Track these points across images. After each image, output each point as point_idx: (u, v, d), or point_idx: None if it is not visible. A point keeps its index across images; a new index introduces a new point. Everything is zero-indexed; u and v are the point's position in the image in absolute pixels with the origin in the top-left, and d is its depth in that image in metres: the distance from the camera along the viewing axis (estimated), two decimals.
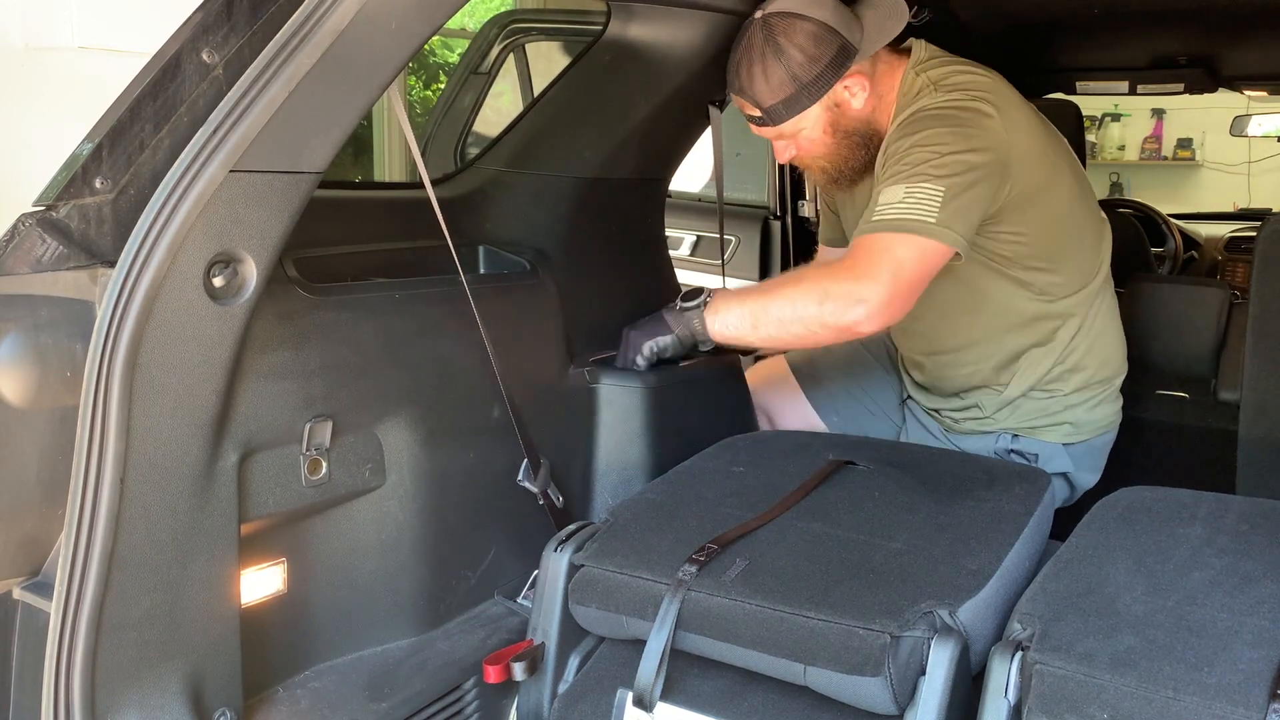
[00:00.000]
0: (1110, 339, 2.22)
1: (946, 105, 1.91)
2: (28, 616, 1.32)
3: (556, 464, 1.90)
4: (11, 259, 1.23)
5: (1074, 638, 1.27)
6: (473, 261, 2.01)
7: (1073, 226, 2.09)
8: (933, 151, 1.84)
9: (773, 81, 1.92)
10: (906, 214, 1.79)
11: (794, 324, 1.85)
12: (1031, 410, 2.17)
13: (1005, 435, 2.19)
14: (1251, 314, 2.22)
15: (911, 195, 1.80)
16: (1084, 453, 2.20)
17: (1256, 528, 1.51)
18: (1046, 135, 2.04)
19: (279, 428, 1.45)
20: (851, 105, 1.98)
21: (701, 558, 1.49)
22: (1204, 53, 3.38)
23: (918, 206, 1.79)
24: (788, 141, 2.04)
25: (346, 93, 1.32)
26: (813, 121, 1.99)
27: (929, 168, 1.82)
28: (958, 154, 1.83)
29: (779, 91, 1.93)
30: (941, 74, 1.98)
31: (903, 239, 1.80)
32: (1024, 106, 2.00)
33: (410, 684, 1.60)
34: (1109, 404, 2.22)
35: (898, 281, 1.80)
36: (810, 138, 2.02)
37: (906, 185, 1.81)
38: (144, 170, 1.26)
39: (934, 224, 1.79)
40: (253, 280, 1.31)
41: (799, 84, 1.92)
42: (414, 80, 6.44)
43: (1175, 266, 4.60)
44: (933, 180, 1.80)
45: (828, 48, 1.90)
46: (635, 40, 2.02)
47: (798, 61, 1.90)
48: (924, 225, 1.79)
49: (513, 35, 4.04)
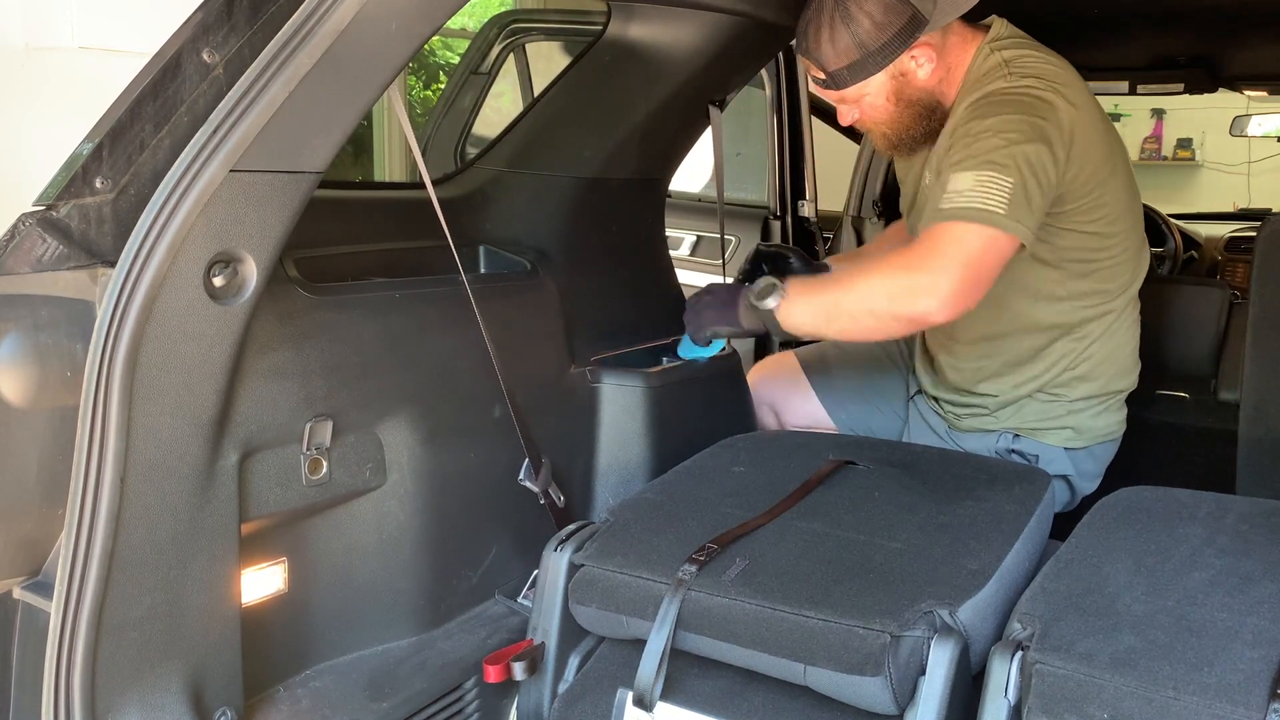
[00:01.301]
0: (1126, 352, 2.20)
1: (1019, 91, 1.90)
2: (28, 616, 1.32)
3: (557, 463, 1.90)
4: (11, 259, 1.23)
5: (1074, 638, 1.27)
6: (473, 261, 2.01)
7: (1115, 232, 2.07)
8: (1005, 139, 1.82)
9: (839, 46, 1.91)
10: (977, 203, 1.78)
11: (866, 318, 1.86)
12: (1035, 411, 2.17)
13: (1007, 435, 2.19)
14: (1251, 314, 2.22)
15: (982, 184, 1.79)
16: (1085, 458, 2.20)
17: (1256, 528, 1.51)
18: (1109, 137, 2.03)
19: (279, 427, 1.45)
20: (917, 75, 1.98)
21: (701, 557, 1.49)
22: (1204, 53, 3.38)
23: (989, 197, 1.78)
24: (851, 105, 2.03)
25: (346, 93, 1.32)
26: (876, 88, 1.98)
27: (1000, 155, 1.80)
28: (1029, 144, 1.82)
29: (844, 57, 1.92)
30: (1016, 55, 1.97)
31: (974, 229, 1.78)
32: (1092, 102, 2.00)
33: (411, 684, 1.60)
34: (1113, 413, 2.21)
35: (967, 272, 1.79)
36: (873, 104, 2.01)
37: (976, 173, 1.80)
38: (144, 170, 1.26)
39: (1003, 215, 1.78)
40: (253, 280, 1.31)
41: (865, 51, 1.91)
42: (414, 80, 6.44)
43: (1175, 266, 4.59)
44: (1002, 170, 1.79)
45: (897, 16, 1.89)
46: (635, 40, 2.02)
47: (865, 29, 1.89)
48: (994, 216, 1.78)
49: (513, 35, 4.04)
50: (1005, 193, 1.78)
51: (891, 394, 2.43)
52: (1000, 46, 1.99)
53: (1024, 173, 1.80)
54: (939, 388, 2.30)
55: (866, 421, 2.47)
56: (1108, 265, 2.08)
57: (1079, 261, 2.05)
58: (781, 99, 3.58)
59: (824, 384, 2.50)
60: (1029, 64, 1.95)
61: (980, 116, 1.88)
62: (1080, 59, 3.77)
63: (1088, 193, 1.97)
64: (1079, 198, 1.96)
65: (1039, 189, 1.82)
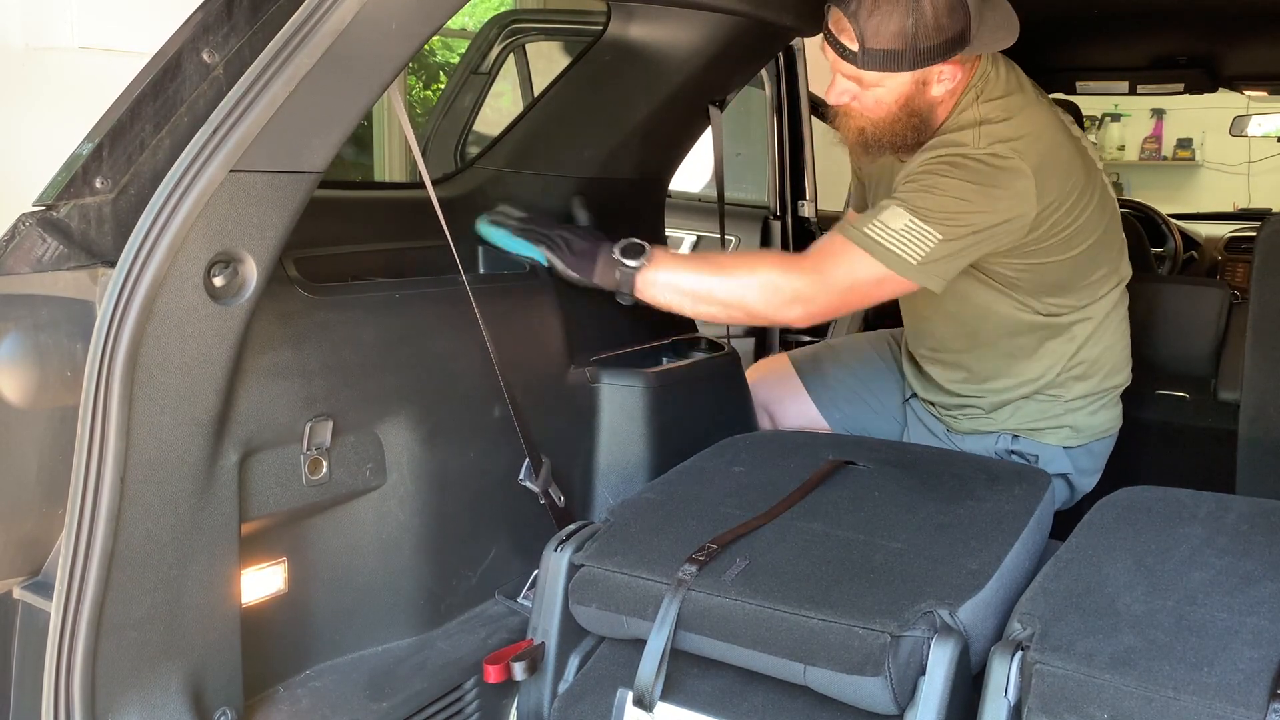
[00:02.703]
0: (1118, 348, 2.20)
1: (984, 158, 1.84)
2: (28, 616, 1.32)
3: (557, 463, 1.90)
4: (11, 259, 1.23)
5: (1074, 637, 1.27)
6: (473, 261, 2.00)
7: (1090, 260, 2.05)
8: (951, 199, 1.80)
9: (889, 27, 1.77)
10: (894, 247, 1.77)
11: (736, 310, 1.87)
12: (1032, 412, 2.17)
13: (1005, 436, 2.19)
14: (1251, 314, 2.22)
15: (910, 232, 1.77)
16: (1083, 455, 2.20)
17: (1256, 528, 1.51)
18: (1084, 178, 1.97)
19: (279, 427, 1.45)
20: (933, 89, 1.89)
21: (701, 557, 1.49)
22: (1204, 53, 3.39)
23: (908, 244, 1.77)
24: (854, 87, 1.90)
25: (346, 93, 1.32)
26: (894, 85, 1.87)
27: (940, 215, 1.78)
28: (974, 213, 1.80)
29: (888, 40, 1.78)
30: (993, 111, 1.89)
31: (874, 265, 1.79)
32: (1064, 151, 1.93)
33: (410, 684, 1.60)
34: (1110, 409, 2.22)
35: (847, 299, 1.85)
36: (880, 99, 1.89)
37: (911, 218, 1.78)
38: (144, 170, 1.26)
39: (914, 264, 1.78)
40: (253, 280, 1.31)
41: (912, 45, 1.78)
42: (414, 80, 6.44)
43: (1175, 266, 4.60)
44: (936, 225, 1.78)
45: (954, 24, 1.79)
46: (635, 40, 2.02)
47: (925, 23, 1.77)
48: (904, 264, 1.78)
49: (513, 35, 4.04)
50: (928, 246, 1.77)
51: (886, 396, 2.44)
52: (986, 96, 1.92)
53: (957, 233, 1.79)
54: (931, 391, 2.30)
55: (862, 423, 2.47)
56: (1083, 283, 2.07)
57: (1049, 289, 2.04)
58: (781, 99, 3.58)
59: (818, 386, 2.50)
60: (1002, 128, 1.88)
61: (939, 170, 1.84)
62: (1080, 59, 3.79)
63: (1056, 242, 1.95)
64: (1045, 246, 1.95)
65: (967, 249, 1.82)
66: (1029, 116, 1.92)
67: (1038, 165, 1.86)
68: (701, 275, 1.86)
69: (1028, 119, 1.91)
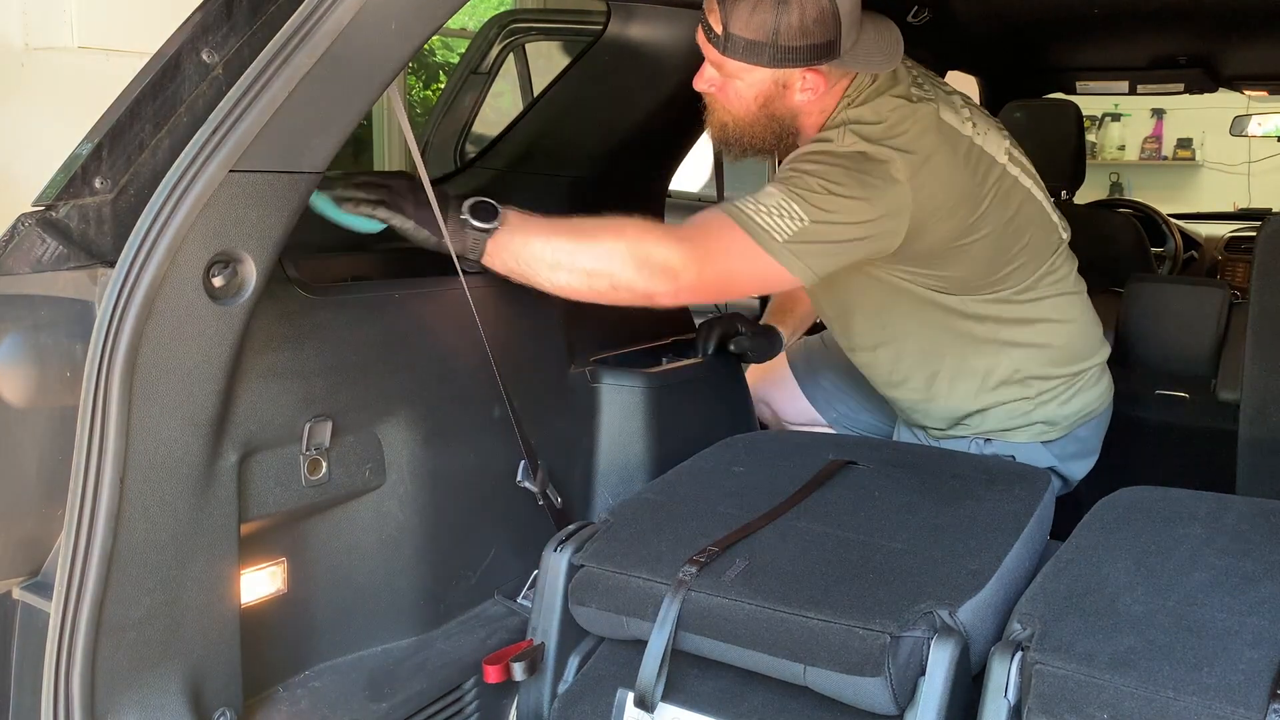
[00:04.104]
0: (1078, 334, 2.12)
1: (851, 154, 1.80)
2: (28, 616, 1.32)
3: (557, 464, 1.90)
4: (11, 259, 1.23)
5: (1074, 638, 1.27)
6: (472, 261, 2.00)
7: (1000, 263, 1.98)
8: (819, 187, 1.75)
9: (755, 18, 1.75)
10: (763, 222, 1.72)
11: (600, 280, 1.69)
12: (1000, 416, 2.11)
13: (979, 440, 2.13)
14: (1251, 314, 2.22)
15: (780, 210, 1.72)
16: (1068, 444, 2.15)
17: (1256, 528, 1.51)
18: (968, 179, 1.90)
19: (279, 427, 1.45)
20: (794, 95, 1.86)
21: (702, 558, 1.49)
22: (1204, 53, 3.39)
23: (776, 221, 1.72)
24: (718, 77, 1.86)
25: (346, 93, 1.32)
26: (754, 81, 1.83)
27: (808, 197, 1.73)
28: (843, 200, 1.75)
29: (751, 30, 1.75)
30: (863, 114, 1.86)
31: (745, 241, 1.71)
32: (943, 152, 1.86)
33: (410, 684, 1.60)
34: (1085, 392, 2.13)
35: (719, 278, 1.74)
36: (739, 92, 1.86)
37: (781, 196, 1.73)
38: (144, 170, 1.26)
39: (779, 243, 1.71)
40: (252, 280, 1.31)
41: (774, 41, 1.76)
42: (414, 80, 6.44)
43: (1175, 266, 4.60)
44: (803, 206, 1.72)
45: (821, 33, 1.76)
46: (635, 40, 2.02)
47: (788, 22, 1.74)
48: (770, 240, 1.71)
49: (513, 35, 4.05)
50: (795, 226, 1.71)
51: (877, 395, 2.42)
52: (854, 103, 1.88)
53: (823, 217, 1.73)
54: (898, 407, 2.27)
55: (858, 421, 2.47)
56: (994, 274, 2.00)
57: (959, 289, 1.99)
58: None
59: (812, 385, 2.50)
60: (874, 128, 1.83)
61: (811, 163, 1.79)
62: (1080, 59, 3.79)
63: (946, 246, 1.89)
64: (936, 251, 1.90)
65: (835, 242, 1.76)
66: (902, 116, 1.86)
67: (915, 164, 1.81)
68: (562, 241, 1.68)
69: (900, 119, 1.86)
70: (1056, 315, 2.08)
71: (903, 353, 2.12)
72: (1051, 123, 3.69)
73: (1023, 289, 2.02)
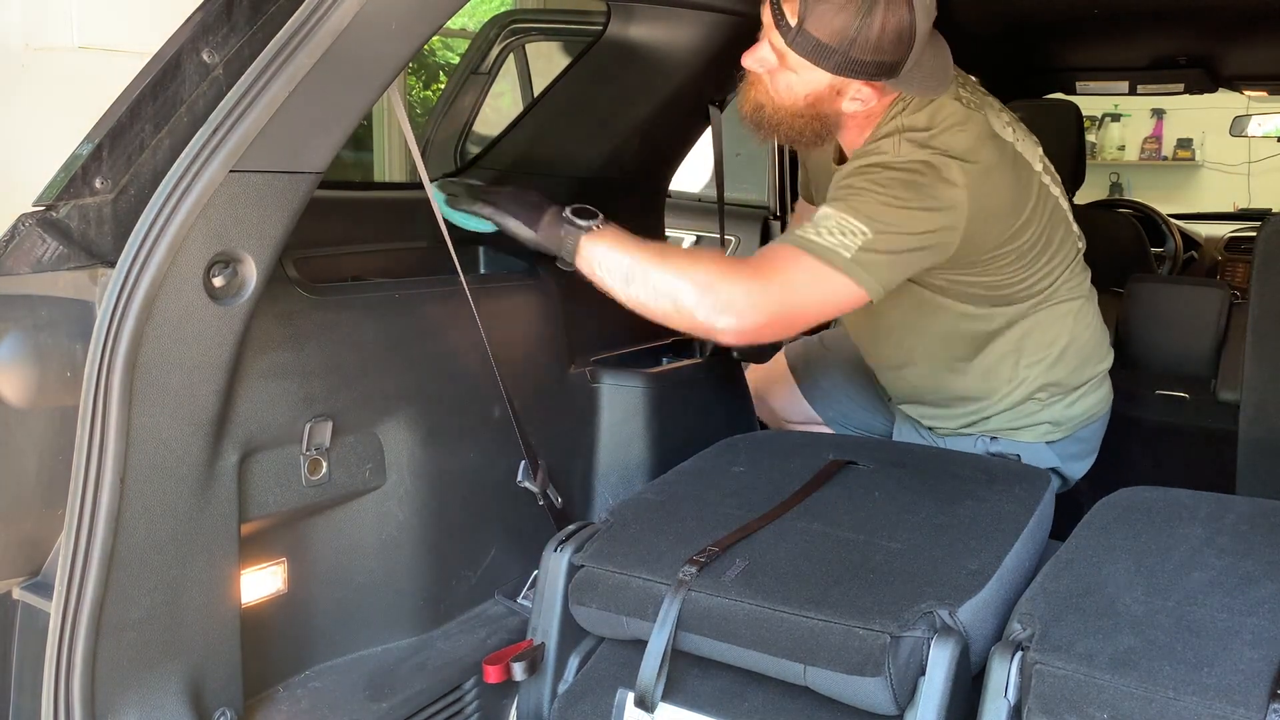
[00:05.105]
0: (1088, 339, 2.13)
1: (906, 164, 1.78)
2: (28, 616, 1.32)
3: (557, 464, 1.90)
4: (11, 259, 1.23)
5: (1074, 638, 1.27)
6: (473, 261, 2.01)
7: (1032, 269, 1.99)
8: (875, 200, 1.74)
9: (834, 22, 1.71)
10: (828, 242, 1.70)
11: (665, 299, 1.69)
12: (1008, 416, 2.13)
13: (984, 438, 2.15)
14: (1251, 314, 2.22)
15: (841, 228, 1.71)
16: (1070, 444, 2.16)
17: (1256, 528, 1.51)
18: (1016, 187, 1.90)
19: (279, 428, 1.46)
20: (843, 102, 1.84)
21: (702, 558, 1.49)
22: (1204, 53, 3.39)
23: (840, 238, 1.70)
24: (775, 61, 1.81)
25: (346, 93, 1.32)
26: (810, 79, 1.79)
27: (867, 211, 1.72)
28: (901, 211, 1.74)
29: (827, 34, 1.71)
30: (916, 120, 1.84)
31: (810, 263, 1.70)
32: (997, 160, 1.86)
33: (410, 684, 1.60)
34: (1089, 396, 2.15)
35: (785, 308, 1.71)
36: (789, 84, 1.82)
37: (840, 216, 1.72)
38: (144, 170, 1.26)
39: (848, 258, 1.69)
40: (253, 280, 1.31)
41: (844, 50, 1.72)
42: (414, 80, 6.43)
43: (1175, 266, 4.60)
44: (864, 220, 1.71)
45: (891, 52, 1.73)
46: (635, 40, 2.02)
47: (866, 37, 1.71)
48: (838, 257, 1.69)
49: (513, 35, 4.05)
50: (858, 240, 1.70)
51: (875, 395, 2.43)
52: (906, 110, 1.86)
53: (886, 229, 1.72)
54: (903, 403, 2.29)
55: (856, 421, 2.47)
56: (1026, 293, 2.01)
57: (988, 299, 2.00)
58: None
59: (810, 385, 2.51)
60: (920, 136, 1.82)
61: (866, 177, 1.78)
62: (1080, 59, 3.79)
63: (987, 252, 1.89)
64: (976, 258, 1.90)
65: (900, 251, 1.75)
66: (957, 122, 1.85)
67: (969, 170, 1.80)
68: (642, 257, 1.71)
69: (954, 124, 1.85)
70: (1073, 322, 2.10)
71: (931, 370, 2.13)
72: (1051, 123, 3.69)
73: (1045, 296, 2.04)
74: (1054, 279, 2.03)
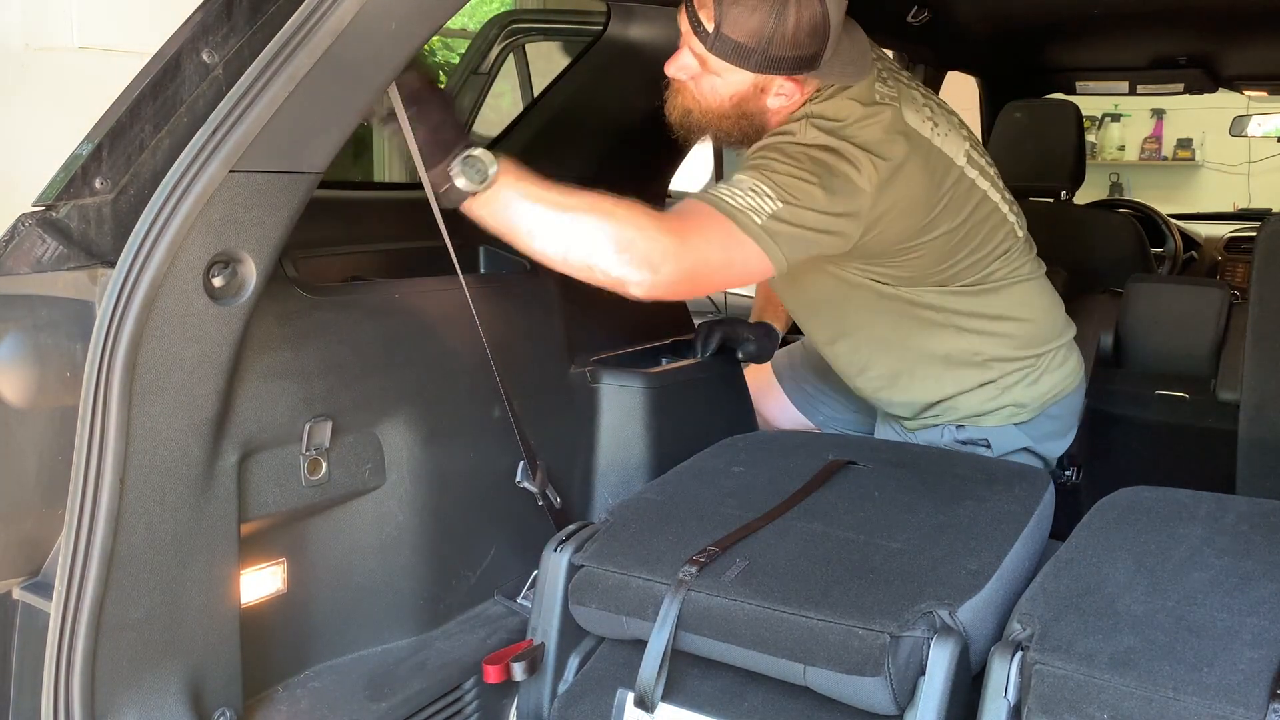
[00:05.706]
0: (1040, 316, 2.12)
1: (818, 146, 1.79)
2: (28, 616, 1.32)
3: (557, 464, 1.90)
4: (11, 259, 1.23)
5: (1074, 638, 1.27)
6: (473, 261, 2.01)
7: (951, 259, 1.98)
8: (788, 168, 1.73)
9: (749, 23, 1.73)
10: (741, 204, 1.68)
11: (578, 251, 1.60)
12: (968, 402, 2.12)
13: (950, 427, 2.14)
14: (1251, 314, 2.22)
15: (753, 192, 1.70)
16: (1042, 422, 2.14)
17: (1256, 528, 1.51)
18: (928, 183, 1.89)
19: (279, 428, 1.46)
20: (768, 99, 1.85)
21: (702, 558, 1.49)
22: (1204, 53, 3.39)
23: (752, 201, 1.68)
24: (695, 68, 1.82)
25: (346, 93, 1.32)
26: (732, 81, 1.81)
27: (776, 180, 1.72)
28: (809, 184, 1.73)
29: (744, 35, 1.73)
30: (825, 109, 1.85)
31: (724, 224, 1.67)
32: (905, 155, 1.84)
33: (410, 684, 1.60)
34: (1053, 372, 2.13)
35: (695, 267, 1.67)
36: (713, 88, 1.84)
37: (753, 180, 1.71)
38: (144, 170, 1.26)
39: (758, 224, 1.68)
40: (252, 280, 1.31)
41: (763, 48, 1.74)
42: None
43: (1175, 266, 4.60)
44: (774, 189, 1.70)
45: (810, 45, 1.75)
46: (635, 40, 2.02)
47: (784, 32, 1.73)
48: (749, 221, 1.67)
49: (513, 35, 4.05)
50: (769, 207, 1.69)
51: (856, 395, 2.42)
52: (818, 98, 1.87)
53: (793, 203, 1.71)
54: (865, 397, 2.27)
55: (843, 422, 2.46)
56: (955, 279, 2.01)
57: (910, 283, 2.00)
58: None
59: (794, 389, 2.51)
60: (828, 124, 1.82)
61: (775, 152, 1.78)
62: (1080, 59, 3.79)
63: (898, 246, 1.89)
64: (889, 250, 1.90)
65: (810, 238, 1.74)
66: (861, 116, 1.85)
67: (880, 170, 1.79)
68: (551, 211, 1.58)
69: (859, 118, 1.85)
70: (1012, 303, 2.08)
71: (860, 342, 2.13)
72: (1051, 123, 3.69)
73: (972, 282, 2.03)
74: (984, 268, 2.03)
